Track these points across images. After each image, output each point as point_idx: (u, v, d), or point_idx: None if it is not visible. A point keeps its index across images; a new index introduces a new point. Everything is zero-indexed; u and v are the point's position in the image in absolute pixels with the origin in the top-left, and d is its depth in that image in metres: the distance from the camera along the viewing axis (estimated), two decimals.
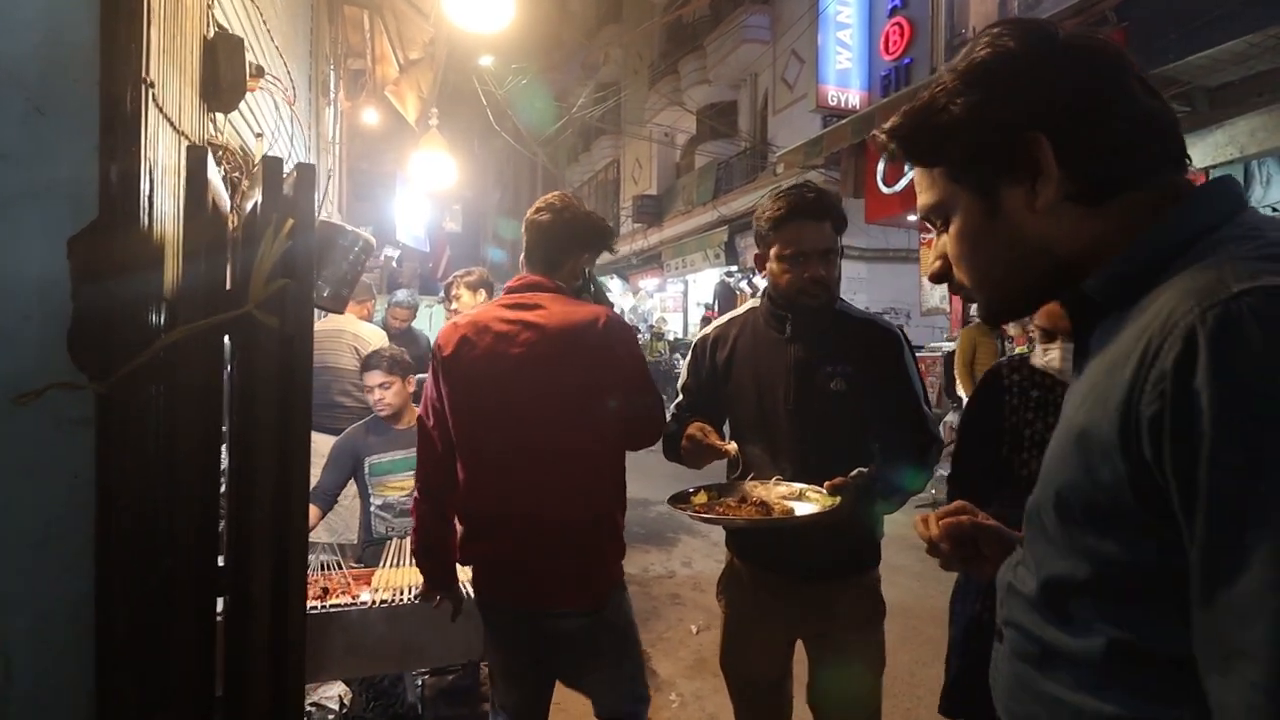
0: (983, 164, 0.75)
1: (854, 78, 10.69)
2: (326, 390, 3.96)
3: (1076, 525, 0.68)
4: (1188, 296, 0.59)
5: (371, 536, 3.12)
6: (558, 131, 14.54)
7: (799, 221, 1.75)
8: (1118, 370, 0.63)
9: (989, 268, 0.78)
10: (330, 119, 5.88)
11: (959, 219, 0.78)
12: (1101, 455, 0.63)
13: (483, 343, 1.78)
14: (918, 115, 0.79)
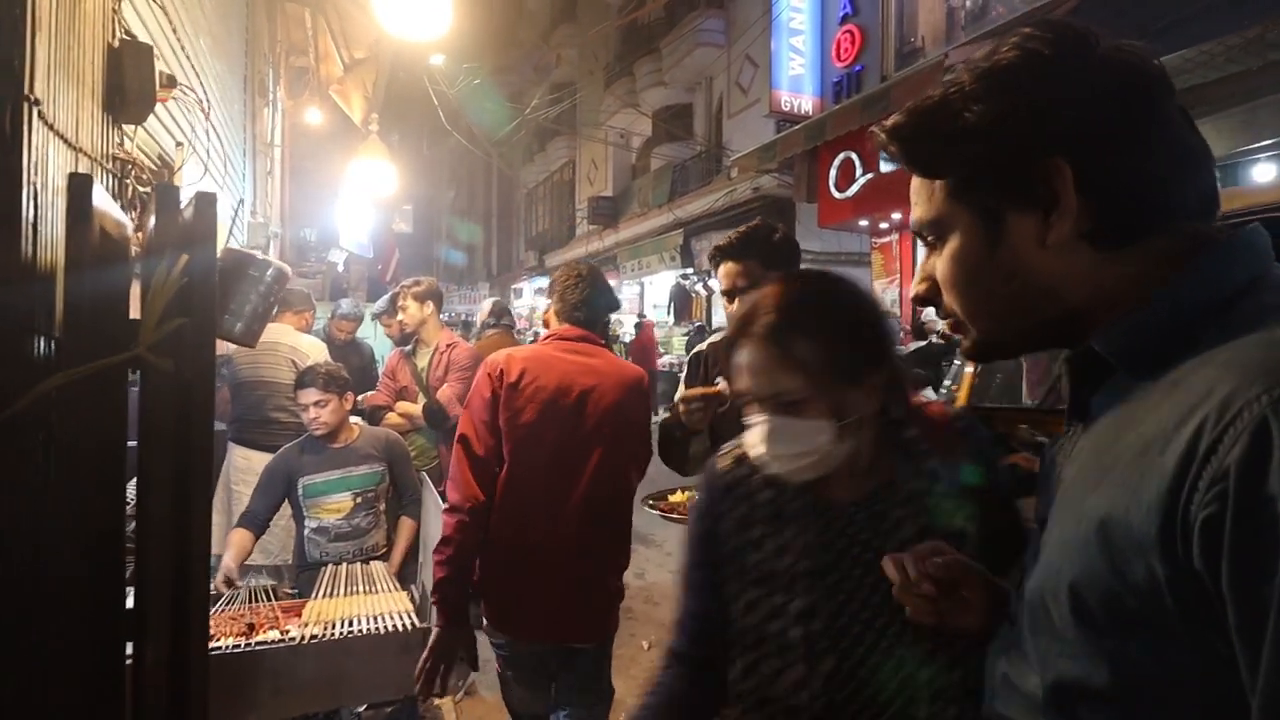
0: (992, 185, 0.66)
1: (807, 83, 10.79)
2: (262, 405, 3.80)
3: (1095, 625, 0.57)
4: (1250, 378, 0.49)
5: (305, 562, 2.98)
6: (512, 132, 14.34)
7: (722, 262, 1.81)
8: (1151, 455, 0.53)
9: (985, 301, 0.70)
10: (270, 118, 5.67)
11: (956, 241, 0.70)
12: (1133, 552, 0.53)
13: (550, 376, 1.97)
14: (925, 117, 0.69)
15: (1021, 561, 0.75)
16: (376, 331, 5.51)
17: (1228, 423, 0.48)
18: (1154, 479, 0.52)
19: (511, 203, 26.89)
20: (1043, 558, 0.65)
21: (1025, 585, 0.69)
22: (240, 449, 3.79)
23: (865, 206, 9.22)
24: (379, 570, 2.69)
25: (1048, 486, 0.71)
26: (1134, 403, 0.60)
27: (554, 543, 1.93)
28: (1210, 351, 0.56)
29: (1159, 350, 0.60)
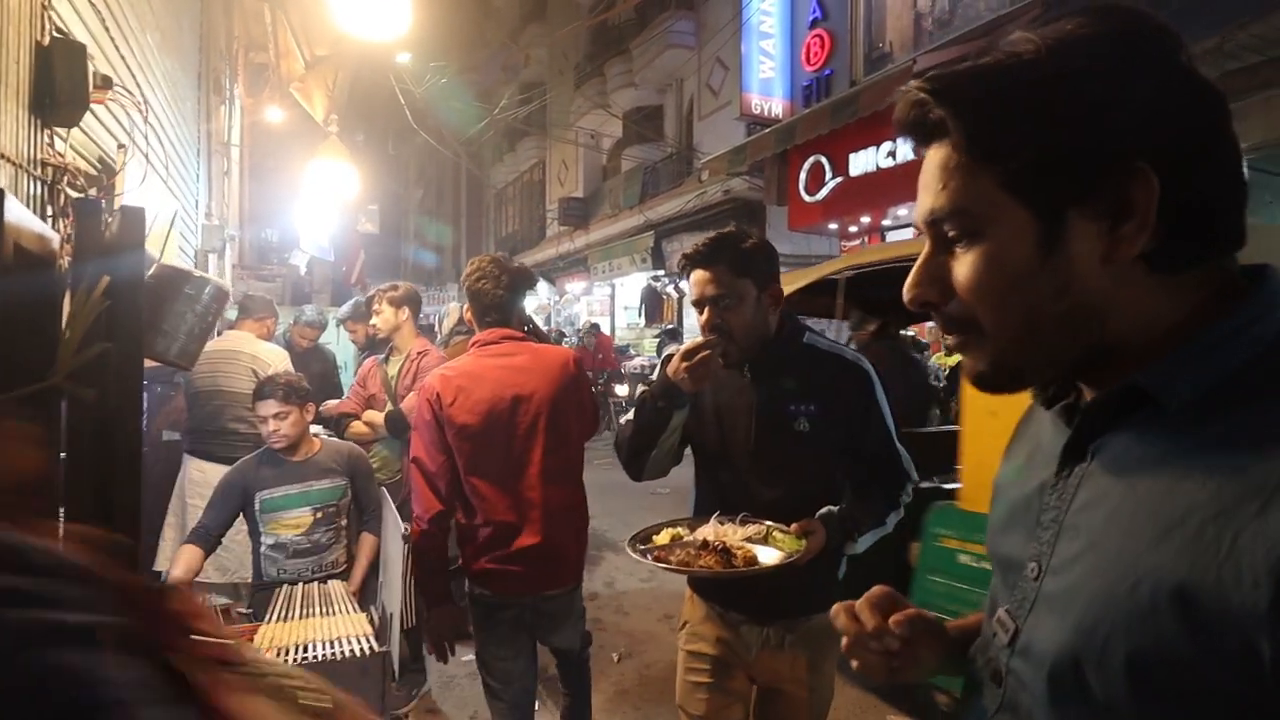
0: (1064, 181, 0.57)
1: (777, 87, 10.82)
2: (219, 416, 3.66)
3: (1163, 700, 0.52)
4: None
5: (262, 580, 2.87)
6: (481, 132, 14.17)
7: (690, 270, 1.73)
8: (1242, 517, 0.48)
9: (1025, 316, 0.60)
10: (228, 116, 5.49)
11: (996, 241, 0.59)
12: (1229, 625, 0.47)
13: (482, 386, 2.17)
14: (996, 80, 0.58)
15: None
16: (340, 337, 5.37)
17: None
18: (1259, 545, 0.47)
19: (481, 203, 26.60)
20: (1068, 618, 0.58)
21: (1032, 644, 0.62)
22: (196, 461, 3.65)
23: (835, 210, 9.26)
24: (337, 590, 2.59)
25: (1030, 522, 0.66)
26: (1191, 449, 0.54)
27: (519, 516, 2.18)
28: (1263, 410, 0.52)
29: (1217, 390, 0.55)
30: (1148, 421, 0.59)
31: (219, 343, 3.88)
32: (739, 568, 1.53)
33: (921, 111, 0.62)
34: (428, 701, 3.41)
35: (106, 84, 1.61)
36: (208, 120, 4.66)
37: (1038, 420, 0.76)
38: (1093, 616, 0.56)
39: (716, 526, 1.68)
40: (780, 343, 1.76)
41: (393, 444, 3.57)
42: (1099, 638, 0.55)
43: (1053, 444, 0.68)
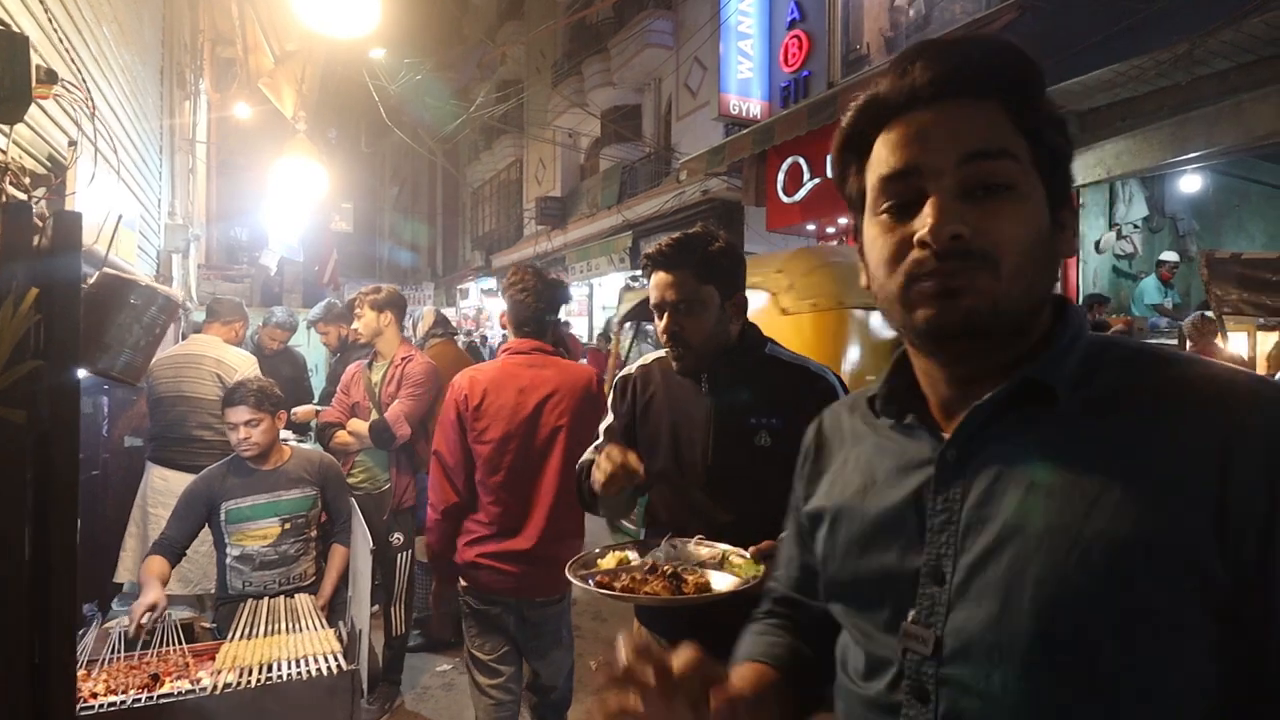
0: (1061, 179, 0.69)
1: (755, 87, 10.81)
2: (183, 422, 3.53)
3: (1135, 645, 0.58)
4: (1235, 391, 0.60)
5: (227, 593, 2.76)
6: (457, 129, 14.00)
7: (653, 272, 1.63)
8: (1151, 468, 0.59)
9: (1034, 273, 0.66)
10: (193, 112, 5.33)
11: (1032, 202, 0.66)
12: (1179, 561, 0.57)
13: (508, 392, 2.27)
14: (1038, 74, 0.69)
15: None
16: (311, 339, 5.24)
17: (1256, 448, 0.57)
18: (1193, 491, 0.57)
19: (457, 201, 26.35)
20: (1014, 604, 0.61)
21: (969, 645, 0.63)
22: (158, 469, 3.52)
23: (813, 211, 9.28)
24: (304, 605, 2.50)
25: (908, 533, 0.69)
26: (1072, 429, 0.63)
27: (520, 521, 2.25)
28: (1128, 387, 0.64)
29: (1080, 384, 0.65)
30: (1028, 413, 0.65)
31: (184, 347, 3.76)
32: (688, 595, 1.40)
33: (993, 62, 0.67)
34: (402, 714, 3.32)
35: (51, 78, 1.51)
36: (171, 116, 4.51)
37: (854, 442, 0.81)
38: (1047, 597, 0.59)
39: (668, 550, 1.55)
40: (740, 352, 1.66)
41: (378, 454, 3.46)
42: (1062, 611, 0.59)
43: (908, 457, 0.73)
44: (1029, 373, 0.65)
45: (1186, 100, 5.99)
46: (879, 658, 0.72)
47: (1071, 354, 0.67)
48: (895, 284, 0.69)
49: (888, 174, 0.69)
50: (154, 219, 4.22)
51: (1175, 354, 0.68)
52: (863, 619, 0.74)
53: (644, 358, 1.86)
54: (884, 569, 0.71)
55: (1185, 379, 0.63)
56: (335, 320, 4.56)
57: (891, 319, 0.73)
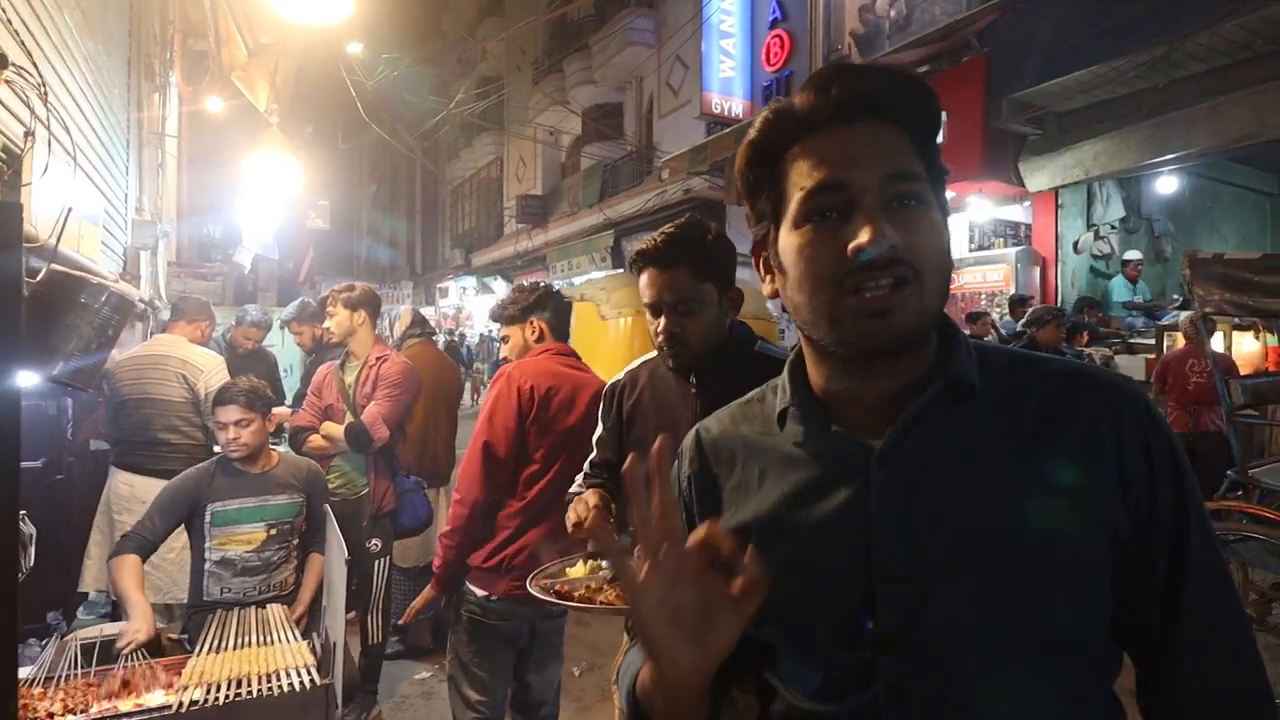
0: (942, 191, 0.75)
1: (737, 86, 10.79)
2: (148, 426, 3.41)
3: (1077, 584, 0.68)
4: (1112, 387, 0.73)
5: (201, 600, 2.66)
6: (436, 126, 13.85)
7: (647, 269, 1.55)
8: (1063, 448, 0.69)
9: (944, 282, 0.72)
10: (163, 105, 5.19)
11: (935, 213, 0.71)
12: (1095, 518, 0.68)
13: (564, 389, 2.27)
14: (930, 96, 0.74)
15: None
16: (284, 339, 5.11)
17: (1124, 415, 0.70)
18: (1099, 463, 0.69)
19: (437, 199, 26.10)
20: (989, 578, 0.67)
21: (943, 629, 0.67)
22: (123, 474, 3.40)
23: None
24: (277, 615, 2.41)
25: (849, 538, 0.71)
26: (989, 422, 0.72)
27: (555, 523, 2.12)
28: (1020, 382, 0.74)
29: (983, 381, 0.73)
30: (943, 413, 0.72)
31: (147, 347, 3.64)
32: None
33: (902, 89, 0.72)
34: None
35: (1, 62, 1.42)
36: (139, 109, 4.37)
37: (752, 457, 0.81)
38: (1008, 574, 0.66)
39: (595, 547, 1.52)
40: (729, 349, 1.60)
41: (354, 458, 3.37)
42: (1024, 584, 0.66)
43: (833, 465, 0.74)
44: (954, 372, 0.72)
45: (1163, 103, 6.06)
46: (841, 672, 0.71)
47: (971, 358, 0.74)
48: (824, 298, 0.70)
49: (814, 187, 0.70)
50: (120, 214, 4.09)
51: (1036, 355, 0.79)
52: (806, 637, 0.73)
53: (631, 364, 1.80)
54: (831, 580, 0.72)
55: (1066, 375, 0.74)
56: (310, 320, 4.44)
57: (810, 330, 0.73)
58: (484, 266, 20.08)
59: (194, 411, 3.50)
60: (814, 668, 0.73)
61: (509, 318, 2.49)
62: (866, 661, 0.69)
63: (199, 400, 3.50)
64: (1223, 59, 5.69)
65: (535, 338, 2.43)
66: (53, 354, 1.13)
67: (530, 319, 2.44)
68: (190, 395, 3.44)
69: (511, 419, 2.21)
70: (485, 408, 2.28)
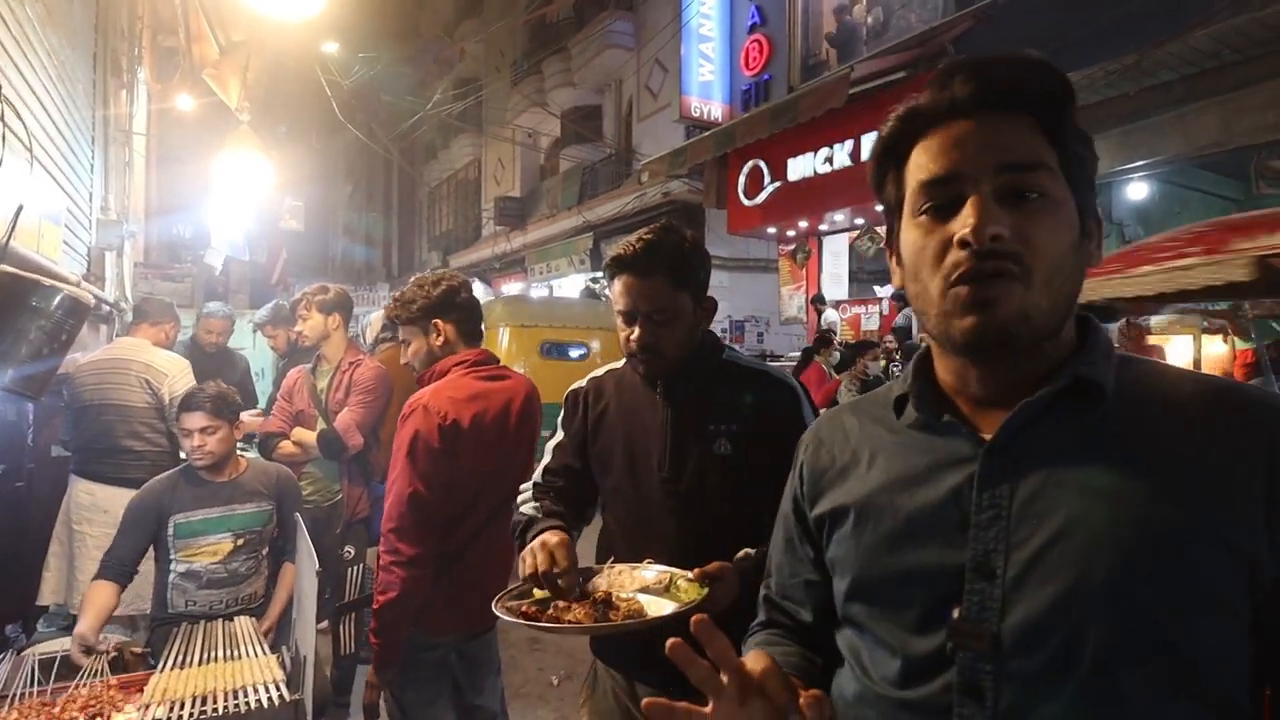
0: (1088, 190, 0.73)
1: (716, 90, 10.83)
2: (110, 432, 3.31)
3: (1198, 620, 0.63)
4: (1264, 408, 0.67)
5: (165, 613, 2.58)
6: (413, 127, 13.70)
7: (622, 277, 1.50)
8: (1202, 466, 0.64)
9: (1060, 280, 0.69)
10: (131, 103, 5.06)
11: (1065, 209, 0.69)
12: (1235, 552, 0.63)
13: (493, 408, 2.04)
14: (1064, 81, 0.72)
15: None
16: (257, 343, 5.00)
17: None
18: (1242, 487, 0.63)
19: (414, 200, 25.87)
20: (1082, 592, 0.64)
21: (1034, 637, 0.65)
22: (84, 482, 3.30)
23: (773, 214, 9.32)
24: (245, 629, 2.34)
25: (948, 528, 0.70)
26: (1119, 429, 0.68)
27: (488, 547, 2.05)
28: (1161, 393, 0.70)
29: (1119, 386, 0.70)
30: (1069, 414, 0.69)
31: (108, 351, 3.52)
32: (613, 622, 1.27)
33: (1028, 77, 0.70)
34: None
35: None
36: (105, 105, 4.26)
37: (866, 443, 0.82)
38: (1121, 583, 0.62)
39: (610, 575, 1.44)
40: (698, 358, 1.57)
41: (328, 465, 3.29)
42: (1136, 595, 0.62)
43: (943, 455, 0.74)
44: (1081, 371, 0.69)
45: (1134, 110, 6.16)
46: (918, 659, 0.71)
47: (1109, 361, 0.71)
48: (936, 287, 0.71)
49: (928, 179, 0.72)
50: (85, 213, 3.98)
51: (1189, 371, 0.75)
52: (892, 619, 0.74)
53: (595, 371, 1.75)
54: (921, 566, 0.72)
55: (1217, 390, 0.69)
56: (284, 323, 4.34)
57: (926, 321, 0.74)
58: (462, 269, 19.93)
59: (158, 417, 3.40)
60: (894, 652, 0.73)
61: (408, 320, 2.13)
62: (946, 651, 0.68)
63: (163, 406, 3.40)
64: (1191, 68, 5.80)
65: (440, 343, 2.09)
66: (1, 359, 1.07)
67: (435, 321, 2.09)
68: (154, 400, 3.35)
69: (438, 460, 1.92)
70: (401, 446, 1.94)
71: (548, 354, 7.01)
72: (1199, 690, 0.63)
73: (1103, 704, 0.63)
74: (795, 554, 0.90)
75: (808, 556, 0.88)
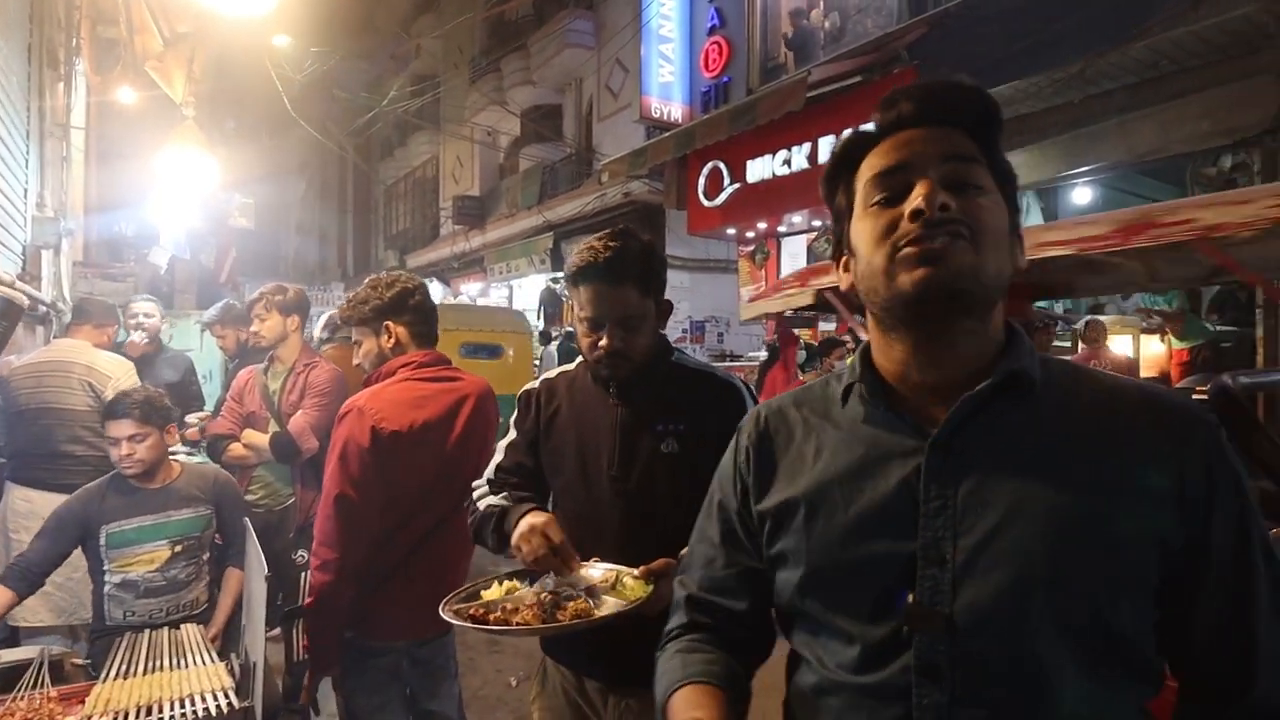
0: (1013, 193, 0.80)
1: (676, 91, 10.87)
2: (49, 437, 3.18)
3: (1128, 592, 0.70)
4: (1181, 411, 0.75)
5: (104, 623, 2.49)
6: (368, 124, 13.46)
7: (591, 284, 1.51)
8: (1127, 458, 0.72)
9: (995, 256, 0.75)
10: (68, 95, 4.87)
11: (997, 203, 0.77)
12: (1147, 530, 0.70)
13: (436, 412, 1.99)
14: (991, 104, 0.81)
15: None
16: (205, 343, 4.84)
17: (1196, 447, 0.72)
18: (1159, 476, 0.71)
19: (370, 198, 25.40)
20: (1029, 573, 0.69)
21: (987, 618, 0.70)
22: (20, 489, 3.16)
23: (733, 215, 9.38)
24: (191, 636, 2.28)
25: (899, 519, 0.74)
26: (1050, 422, 0.74)
27: (438, 552, 2.03)
28: (1083, 390, 0.77)
29: (1046, 382, 0.76)
30: (1006, 407, 0.74)
31: (46, 353, 3.38)
32: (562, 623, 1.28)
33: (971, 100, 0.79)
34: None
35: None
36: (40, 97, 4.08)
37: (811, 435, 0.85)
38: (1061, 566, 0.68)
39: (558, 575, 1.44)
40: (650, 359, 1.60)
41: (279, 468, 3.20)
42: (1073, 576, 0.68)
43: (889, 447, 0.78)
44: (1014, 367, 0.74)
45: (1078, 118, 6.38)
46: (875, 644, 0.74)
47: (1033, 359, 0.77)
48: (881, 256, 0.76)
49: (879, 171, 0.79)
50: (19, 210, 3.81)
51: (1099, 371, 0.82)
52: (847, 608, 0.77)
53: (548, 372, 1.77)
54: (873, 556, 0.75)
55: (1126, 389, 0.77)
56: (234, 323, 4.20)
57: (874, 296, 0.78)
58: (420, 268, 19.62)
59: (100, 421, 3.28)
60: (851, 640, 0.76)
61: (360, 320, 2.11)
62: (902, 635, 0.72)
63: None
64: (1131, 78, 6.03)
65: (391, 344, 2.06)
66: None
67: (386, 322, 2.07)
68: (96, 404, 3.22)
69: (368, 466, 1.87)
70: (334, 447, 1.92)
71: (469, 354, 7.62)
72: (1125, 657, 0.70)
73: (1046, 676, 0.68)
74: (736, 544, 0.91)
75: (750, 547, 0.90)
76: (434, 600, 1.57)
